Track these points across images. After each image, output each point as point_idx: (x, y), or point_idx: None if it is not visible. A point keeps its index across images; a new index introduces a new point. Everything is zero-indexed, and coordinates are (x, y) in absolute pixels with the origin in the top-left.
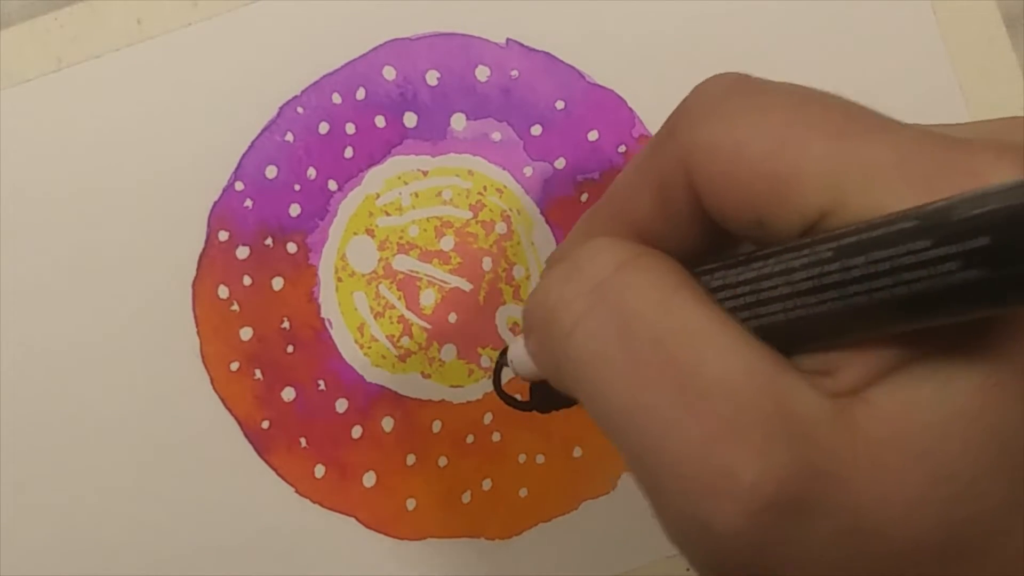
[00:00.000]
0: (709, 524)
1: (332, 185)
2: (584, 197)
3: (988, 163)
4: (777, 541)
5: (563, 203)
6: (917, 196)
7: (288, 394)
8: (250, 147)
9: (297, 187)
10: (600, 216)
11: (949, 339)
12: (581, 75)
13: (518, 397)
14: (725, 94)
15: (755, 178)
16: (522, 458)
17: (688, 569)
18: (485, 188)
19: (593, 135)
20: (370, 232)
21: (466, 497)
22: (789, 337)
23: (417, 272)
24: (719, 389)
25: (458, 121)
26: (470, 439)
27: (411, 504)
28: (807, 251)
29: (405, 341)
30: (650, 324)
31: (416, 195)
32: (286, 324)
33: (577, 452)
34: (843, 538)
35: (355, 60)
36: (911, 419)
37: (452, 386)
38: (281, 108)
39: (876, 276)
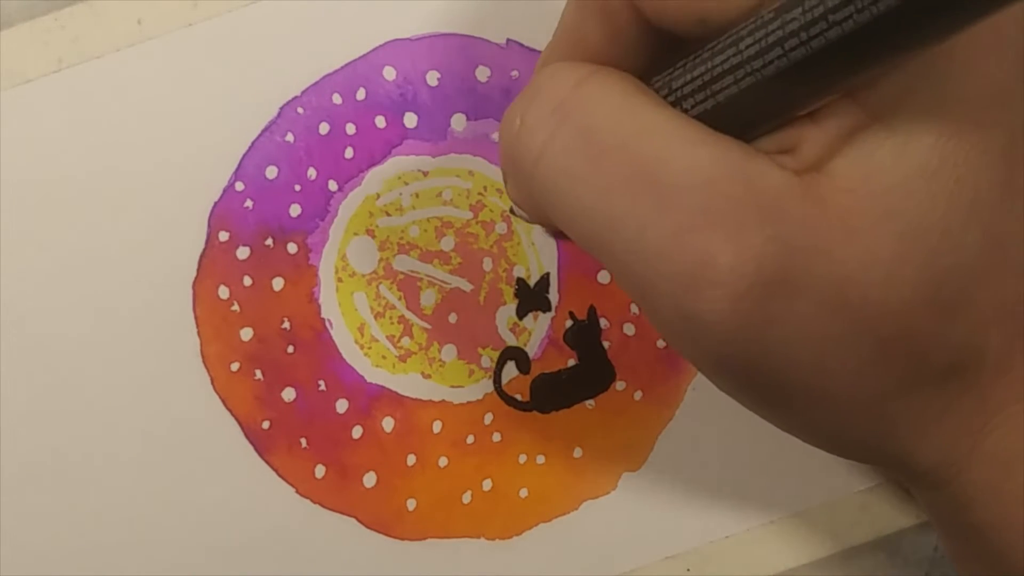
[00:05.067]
0: (696, 315)
1: (332, 185)
2: None
3: None
4: (765, 322)
5: None
6: None
7: (288, 394)
8: (250, 147)
9: (297, 187)
10: (552, 54)
11: (900, 101)
12: None
13: (518, 397)
14: None
15: None
16: (522, 458)
17: (688, 569)
18: (485, 188)
19: None
20: (370, 232)
21: (466, 497)
22: (745, 116)
23: (417, 272)
24: (687, 181)
25: (458, 121)
26: (470, 439)
27: (411, 504)
28: (753, 20)
29: (405, 341)
30: (613, 132)
31: (416, 195)
32: (286, 324)
33: (577, 452)
34: (830, 310)
35: (355, 60)
36: (874, 183)
37: (452, 386)
38: (281, 108)
39: (812, 24)
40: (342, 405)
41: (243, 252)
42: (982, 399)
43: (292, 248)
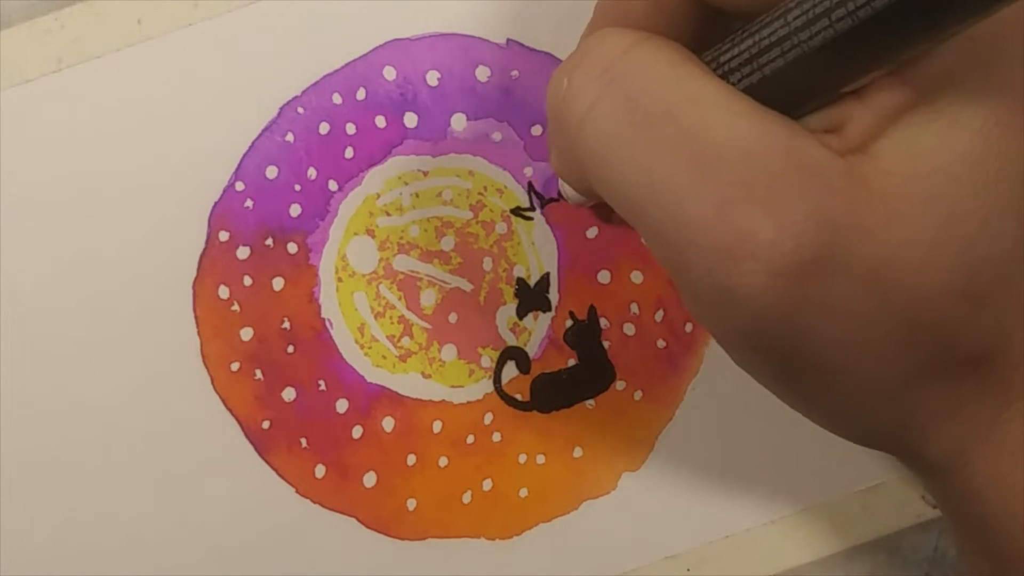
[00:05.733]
0: (731, 289)
1: (332, 185)
2: None
3: None
4: (800, 300)
5: (563, 203)
6: None
7: (288, 394)
8: (250, 147)
9: (297, 187)
10: (597, 22)
11: (948, 83)
12: None
13: (518, 397)
14: None
15: None
16: (522, 458)
17: (688, 569)
18: (485, 188)
19: None
20: (370, 232)
21: (466, 497)
22: (791, 91)
23: (417, 272)
24: (731, 153)
25: (458, 121)
26: (470, 439)
27: (411, 504)
28: None
29: (405, 341)
30: (659, 98)
31: (416, 195)
32: (286, 324)
33: (577, 452)
34: (866, 292)
35: (355, 60)
36: (918, 166)
37: (452, 386)
38: (281, 108)
39: None
40: (342, 405)
41: (243, 252)
42: (1001, 391)
43: (292, 248)
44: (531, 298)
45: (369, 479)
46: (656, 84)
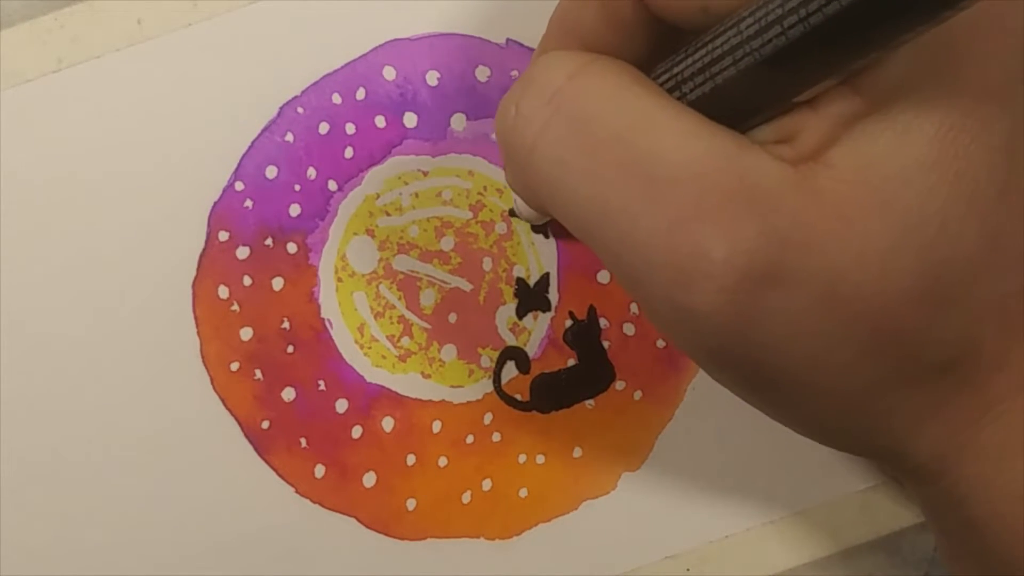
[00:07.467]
0: (688, 307)
1: (332, 185)
2: None
3: None
4: (757, 315)
5: None
6: None
7: (288, 394)
8: (250, 147)
9: (297, 187)
10: (548, 42)
11: (901, 91)
12: None
13: (518, 397)
14: None
15: None
16: (522, 458)
17: (688, 569)
18: (485, 188)
19: None
20: (370, 232)
21: (466, 497)
22: (744, 100)
23: (417, 272)
24: (681, 173)
25: (458, 121)
26: (470, 439)
27: (411, 504)
28: (755, 2)
29: (405, 341)
30: (608, 122)
31: (416, 195)
32: (286, 324)
33: (577, 452)
34: (823, 304)
35: (355, 60)
36: (871, 173)
37: (452, 386)
38: (281, 108)
39: (809, 0)
40: (342, 405)
41: (243, 252)
42: (978, 394)
43: (292, 248)
44: (531, 298)
45: (369, 479)
46: (603, 108)
